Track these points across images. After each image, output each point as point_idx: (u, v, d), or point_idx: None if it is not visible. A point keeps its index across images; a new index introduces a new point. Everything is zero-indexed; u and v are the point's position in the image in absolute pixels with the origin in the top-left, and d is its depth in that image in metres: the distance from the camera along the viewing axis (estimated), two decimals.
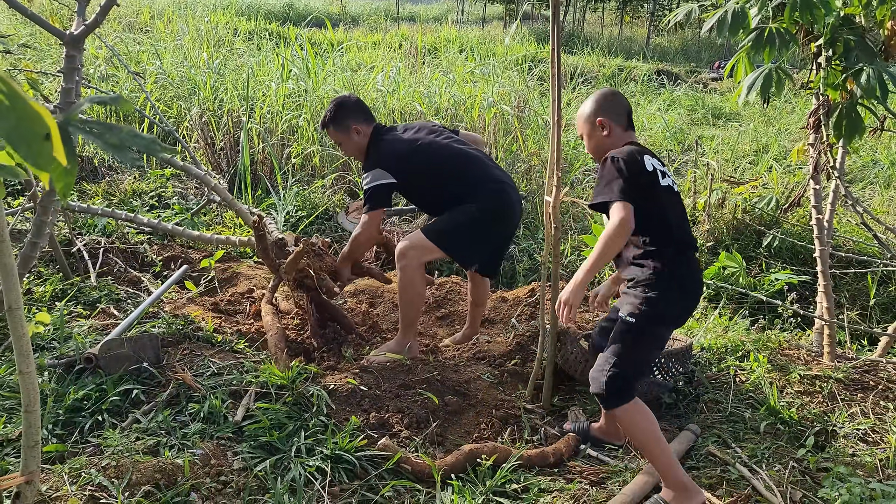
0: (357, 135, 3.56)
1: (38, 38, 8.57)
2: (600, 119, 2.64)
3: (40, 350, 3.02)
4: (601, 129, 2.65)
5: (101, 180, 5.88)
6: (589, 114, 2.68)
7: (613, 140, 2.65)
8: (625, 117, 2.68)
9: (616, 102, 2.68)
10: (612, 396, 2.45)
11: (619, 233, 2.35)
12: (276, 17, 17.03)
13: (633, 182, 2.41)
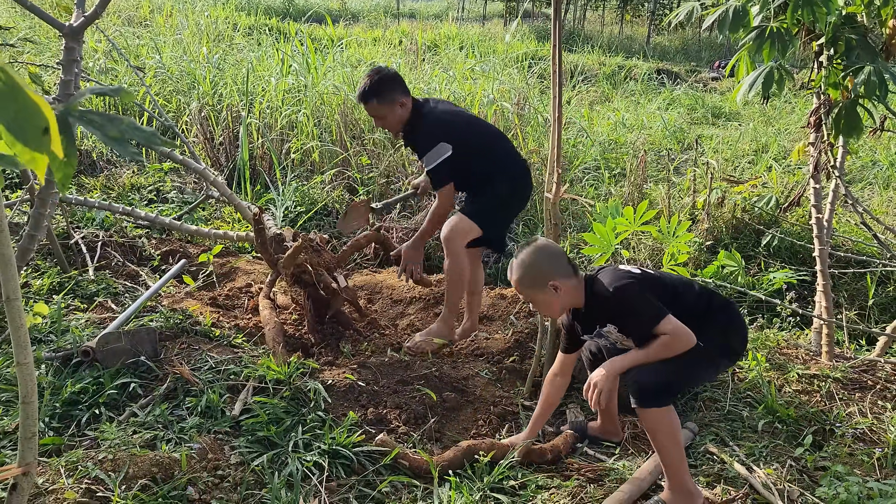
0: (401, 108, 3.50)
1: (38, 31, 8.55)
2: (552, 283, 2.48)
3: (38, 343, 3.02)
4: (557, 292, 2.50)
5: (100, 174, 5.87)
6: (533, 282, 2.52)
7: (572, 294, 2.54)
8: (569, 265, 2.55)
9: (554, 255, 2.54)
10: (652, 398, 2.40)
11: (683, 342, 2.36)
12: (275, 12, 16.99)
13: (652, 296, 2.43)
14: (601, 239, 3.86)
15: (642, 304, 2.42)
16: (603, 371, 2.44)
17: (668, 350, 2.36)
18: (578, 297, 2.55)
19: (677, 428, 2.43)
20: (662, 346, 2.36)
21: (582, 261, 5.02)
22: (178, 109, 7.05)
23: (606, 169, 6.56)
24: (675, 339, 2.35)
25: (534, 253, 2.53)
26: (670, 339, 2.35)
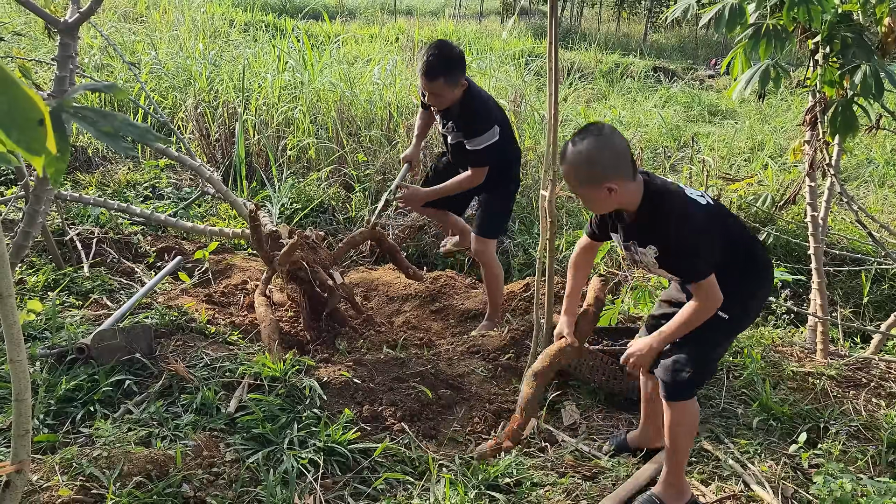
0: (460, 88, 3.52)
1: (32, 26, 8.51)
2: (607, 184, 2.20)
3: (32, 340, 3.01)
4: (612, 194, 2.23)
5: (95, 170, 5.84)
6: (591, 178, 2.23)
7: (626, 197, 2.27)
8: (629, 163, 2.24)
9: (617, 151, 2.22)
10: (687, 388, 2.40)
11: (712, 308, 2.28)
12: (272, 8, 16.94)
13: (712, 243, 2.28)
14: None
15: (701, 249, 2.23)
16: (645, 348, 2.40)
17: (697, 319, 2.29)
18: (632, 201, 2.29)
19: (695, 424, 2.48)
20: (695, 316, 2.28)
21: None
22: (175, 106, 7.03)
23: None
24: (706, 307, 2.26)
25: (597, 145, 2.19)
26: (701, 307, 2.26)
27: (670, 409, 2.43)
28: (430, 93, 3.47)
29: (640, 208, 2.30)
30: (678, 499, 2.46)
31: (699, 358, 2.39)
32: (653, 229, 2.29)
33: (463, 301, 4.27)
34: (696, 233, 2.25)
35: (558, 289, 4.37)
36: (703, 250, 2.24)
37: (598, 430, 3.03)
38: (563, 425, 3.05)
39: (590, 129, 2.25)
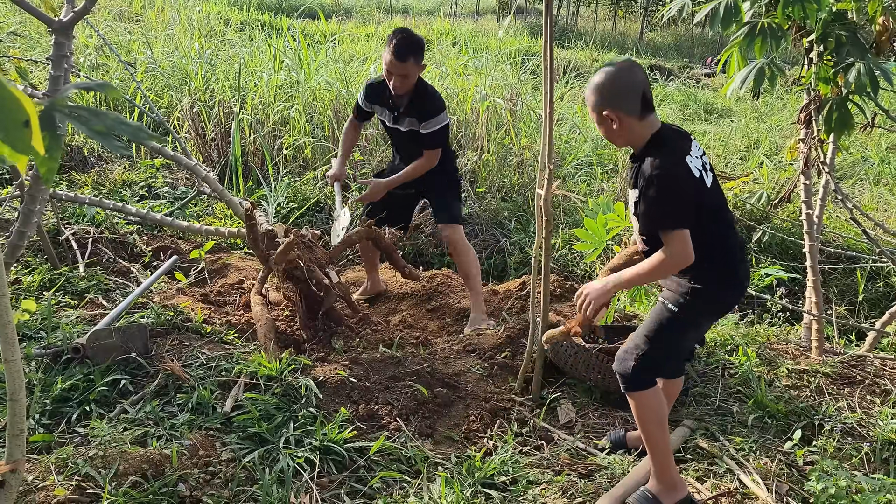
0: (421, 70, 3.74)
1: (28, 26, 8.49)
2: (606, 112, 2.30)
3: (28, 340, 3.00)
4: (610, 122, 2.32)
5: (91, 170, 5.84)
6: (594, 104, 2.34)
7: (629, 133, 2.33)
8: (638, 101, 2.27)
9: (624, 84, 2.28)
10: (635, 379, 2.42)
11: (678, 264, 2.23)
12: (268, 7, 16.92)
13: (687, 199, 2.24)
14: (592, 235, 3.87)
15: (669, 202, 2.22)
16: (598, 285, 2.36)
17: (662, 271, 2.26)
18: (636, 141, 2.33)
19: (662, 413, 2.45)
20: (659, 266, 2.24)
21: (574, 256, 5.03)
22: (170, 105, 7.02)
23: (599, 165, 6.57)
24: (672, 261, 2.22)
25: (608, 75, 2.29)
26: (668, 261, 2.22)
27: (630, 400, 2.47)
28: (398, 74, 3.63)
29: (641, 150, 2.34)
30: (670, 494, 2.43)
31: (645, 348, 2.41)
32: (640, 170, 2.30)
33: (459, 300, 4.27)
34: (669, 185, 2.22)
35: (554, 287, 4.38)
36: (673, 203, 2.22)
37: (594, 427, 3.04)
38: (560, 423, 3.06)
39: (613, 61, 2.37)
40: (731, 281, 2.42)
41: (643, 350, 2.42)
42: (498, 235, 5.40)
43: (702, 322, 2.53)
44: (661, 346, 2.43)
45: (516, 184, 5.98)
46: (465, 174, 5.97)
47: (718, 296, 2.43)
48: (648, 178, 2.22)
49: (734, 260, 2.42)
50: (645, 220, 2.31)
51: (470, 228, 5.50)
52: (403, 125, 3.87)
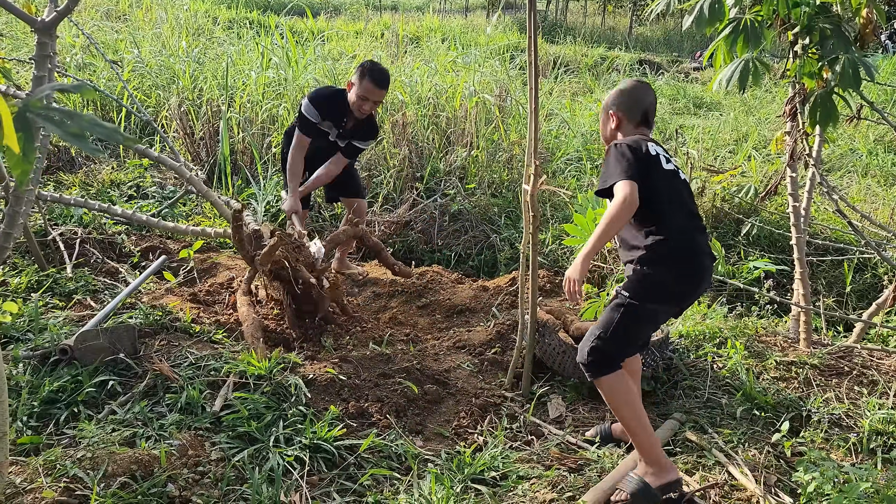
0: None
1: (13, 26, 8.43)
2: (612, 111, 2.72)
3: (15, 341, 2.99)
4: (611, 120, 2.73)
5: (79, 170, 5.81)
6: (606, 104, 2.77)
7: (622, 133, 2.70)
8: (639, 114, 2.70)
9: (636, 98, 2.71)
10: (593, 366, 2.49)
11: (624, 209, 2.35)
12: (256, 5, 16.86)
13: (636, 163, 2.45)
14: (581, 230, 3.88)
15: (614, 163, 2.47)
16: (574, 264, 2.48)
17: (614, 221, 2.36)
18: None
19: (630, 395, 2.50)
20: (607, 216, 2.38)
21: (564, 252, 5.04)
22: (158, 104, 6.99)
23: (588, 160, 6.57)
24: (618, 208, 2.35)
25: (632, 86, 2.75)
26: (614, 208, 2.37)
27: (599, 386, 2.54)
28: (376, 101, 4.03)
29: None
30: (658, 476, 2.43)
31: (601, 334, 2.49)
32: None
33: (450, 296, 4.28)
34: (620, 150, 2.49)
35: (543, 283, 4.39)
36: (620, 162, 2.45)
37: (584, 422, 3.05)
38: (550, 418, 3.07)
39: (637, 79, 2.86)
40: (687, 272, 2.50)
41: (599, 338, 2.49)
42: (488, 231, 5.40)
43: (656, 311, 2.55)
44: (616, 333, 2.48)
45: (506, 179, 5.98)
46: (455, 171, 5.97)
47: (670, 285, 2.49)
48: (607, 149, 2.56)
49: (691, 252, 2.50)
50: (600, 184, 2.52)
51: (460, 224, 5.50)
52: (343, 141, 4.24)
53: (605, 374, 2.48)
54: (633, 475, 2.46)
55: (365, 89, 3.94)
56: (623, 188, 2.38)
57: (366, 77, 3.93)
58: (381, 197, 5.74)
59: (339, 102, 4.09)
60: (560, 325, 3.52)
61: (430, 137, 6.29)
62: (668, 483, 2.43)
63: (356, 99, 3.99)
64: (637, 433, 2.47)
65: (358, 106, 4.01)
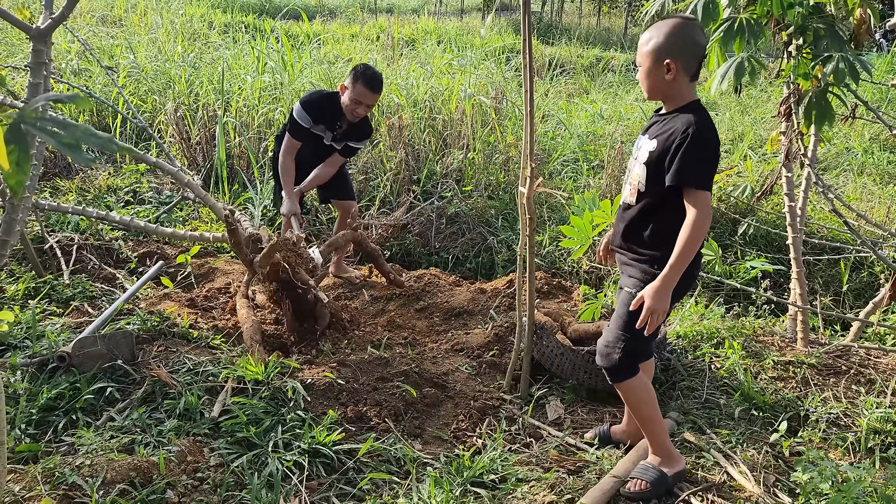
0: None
1: (8, 33, 8.43)
2: (669, 61, 2.27)
3: (13, 349, 2.99)
4: (666, 70, 2.29)
5: (75, 176, 5.81)
6: (657, 48, 2.29)
7: (675, 89, 2.33)
8: (696, 63, 2.30)
9: (695, 43, 2.29)
10: (623, 371, 2.48)
11: (707, 225, 2.21)
12: (252, 9, 16.87)
13: (715, 168, 2.28)
14: (578, 232, 3.87)
15: (708, 161, 2.24)
16: (656, 293, 2.25)
17: (699, 234, 2.19)
18: (677, 98, 2.35)
19: (651, 394, 2.53)
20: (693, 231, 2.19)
21: (561, 253, 5.04)
22: (154, 109, 6.99)
23: (585, 161, 6.59)
24: (703, 221, 2.19)
25: (687, 26, 2.29)
26: (699, 220, 2.19)
27: (619, 390, 2.56)
28: (369, 105, 4.04)
29: (680, 108, 2.33)
30: (670, 464, 2.52)
31: (627, 337, 2.44)
32: (673, 123, 2.30)
33: (447, 299, 4.28)
34: (713, 147, 2.25)
35: (541, 285, 4.39)
36: (710, 163, 2.24)
37: (582, 423, 3.05)
38: (548, 420, 3.07)
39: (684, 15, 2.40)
40: (699, 261, 2.45)
41: (625, 340, 2.45)
42: (485, 233, 5.40)
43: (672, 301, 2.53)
44: (636, 333, 2.43)
45: (502, 181, 5.99)
46: (452, 173, 5.98)
47: (689, 275, 2.40)
48: (695, 134, 2.20)
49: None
50: (678, 173, 2.24)
51: (457, 227, 5.50)
52: (339, 144, 4.26)
53: (632, 376, 2.49)
54: (648, 465, 2.51)
55: (358, 93, 3.95)
56: (705, 200, 2.20)
57: (359, 81, 3.94)
58: (378, 200, 5.74)
59: (332, 106, 4.10)
60: (558, 327, 3.52)
61: (426, 140, 6.30)
62: (679, 472, 2.54)
63: (349, 102, 4.00)
64: (651, 428, 2.53)
65: (351, 110, 4.02)
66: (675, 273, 2.25)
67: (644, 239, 2.43)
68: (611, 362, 2.48)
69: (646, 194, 2.39)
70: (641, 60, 2.37)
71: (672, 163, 2.24)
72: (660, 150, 2.31)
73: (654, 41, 2.30)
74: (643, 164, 2.38)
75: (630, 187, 2.48)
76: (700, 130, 2.22)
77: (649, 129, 2.44)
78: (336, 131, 4.19)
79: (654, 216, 2.40)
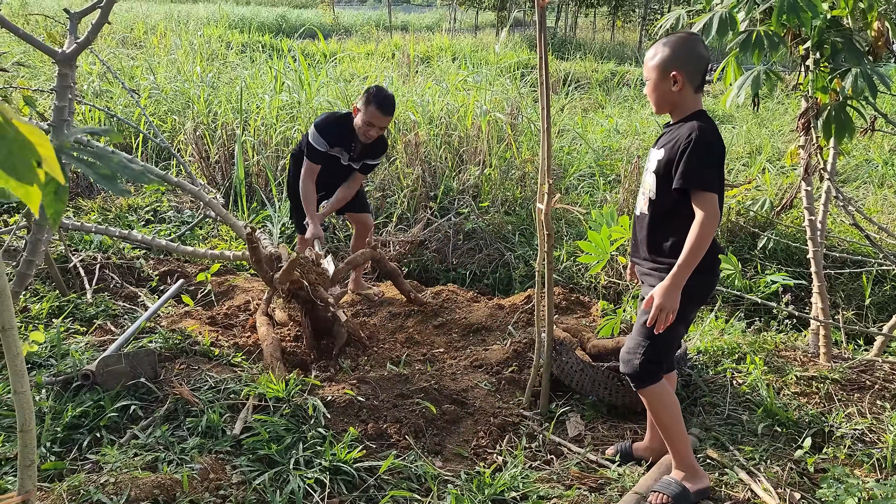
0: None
1: (32, 56, 8.60)
2: (675, 73, 2.38)
3: (38, 367, 3.02)
4: (672, 83, 2.39)
5: (97, 196, 5.89)
6: (663, 61, 2.40)
7: (682, 99, 2.43)
8: (700, 75, 2.40)
9: (698, 55, 2.39)
10: (646, 377, 2.49)
11: (714, 226, 2.28)
12: (268, 29, 17.09)
13: (720, 170, 2.34)
14: (596, 247, 3.87)
15: (711, 163, 2.32)
16: (665, 291, 2.31)
17: (707, 235, 2.26)
18: (683, 109, 2.44)
19: (675, 403, 2.54)
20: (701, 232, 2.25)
21: (579, 268, 5.04)
22: (174, 129, 7.08)
23: (601, 176, 6.58)
24: (710, 221, 2.25)
25: (688, 40, 2.40)
26: (706, 221, 2.25)
27: (642, 397, 2.56)
28: (381, 127, 4.06)
29: (686, 117, 2.43)
30: (694, 480, 2.51)
31: (647, 343, 2.47)
32: (677, 132, 2.40)
33: (465, 315, 4.28)
34: (716, 149, 2.33)
35: (559, 300, 4.39)
36: (714, 165, 2.33)
37: (603, 440, 3.04)
38: (569, 437, 3.06)
39: (688, 31, 2.55)
40: (715, 267, 2.51)
41: (645, 345, 2.47)
42: (502, 249, 5.41)
43: (690, 310, 2.55)
44: (660, 338, 2.46)
45: (519, 197, 6.00)
46: (468, 189, 6.00)
47: (704, 282, 2.48)
48: (698, 138, 2.30)
49: (717, 247, 2.50)
50: (683, 176, 2.32)
51: (474, 243, 5.51)
52: (356, 163, 4.31)
53: (654, 382, 2.50)
54: (671, 479, 2.49)
55: (371, 115, 3.98)
56: (711, 202, 2.28)
57: (371, 104, 3.97)
58: (396, 217, 5.77)
59: (345, 128, 4.13)
60: (577, 342, 3.52)
61: (442, 156, 6.33)
62: (703, 489, 2.52)
63: (362, 124, 4.03)
64: (675, 440, 2.52)
65: (364, 132, 4.05)
66: (684, 272, 2.31)
67: (661, 248, 2.50)
68: (632, 368, 2.51)
69: (657, 202, 2.48)
70: (648, 75, 2.48)
71: (682, 168, 2.33)
72: (667, 158, 2.41)
73: (660, 56, 2.42)
74: (653, 172, 2.48)
75: (643, 197, 2.57)
76: (703, 134, 2.31)
77: (659, 140, 2.53)
78: (352, 152, 4.23)
79: (668, 224, 2.47)
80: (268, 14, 20.49)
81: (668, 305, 2.32)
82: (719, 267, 2.58)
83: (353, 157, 4.24)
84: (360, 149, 4.21)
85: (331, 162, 4.21)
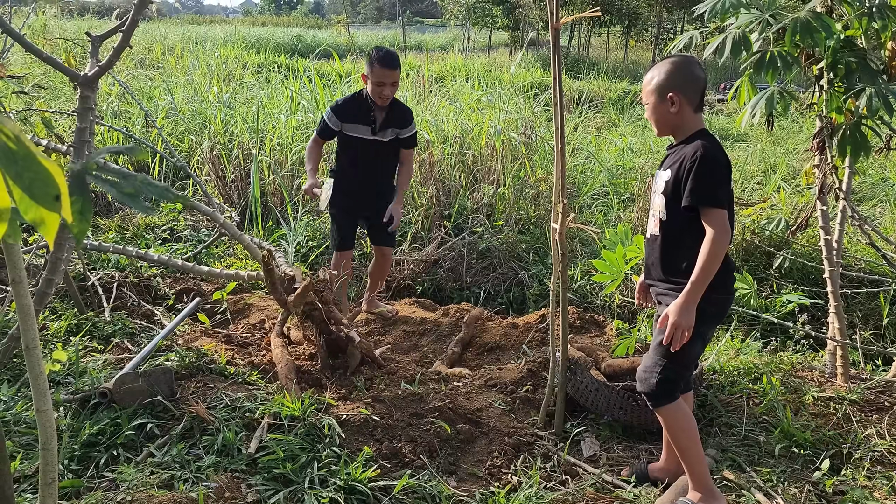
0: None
1: (51, 77, 8.74)
2: (672, 94, 2.44)
3: (56, 385, 3.05)
4: (671, 104, 2.46)
5: (115, 215, 5.96)
6: (660, 84, 2.47)
7: (681, 120, 2.48)
8: (699, 95, 2.47)
9: (694, 76, 2.46)
10: (662, 396, 2.49)
11: (726, 242, 2.30)
12: (284, 49, 17.29)
13: (727, 186, 2.38)
14: (611, 266, 3.87)
15: (718, 180, 2.34)
16: (679, 309, 2.32)
17: (719, 251, 2.28)
18: (684, 129, 2.49)
19: (691, 423, 2.52)
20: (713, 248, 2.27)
21: (593, 287, 5.03)
22: (191, 149, 7.17)
23: (615, 194, 6.59)
24: (722, 237, 2.27)
25: (683, 62, 2.46)
26: (718, 238, 2.27)
27: (659, 416, 2.55)
28: (391, 83, 4.05)
29: (688, 137, 2.48)
30: (711, 502, 2.48)
31: (664, 362, 2.47)
32: (682, 152, 2.44)
33: (479, 334, 4.28)
34: (720, 166, 2.37)
35: (574, 319, 4.38)
36: (720, 181, 2.36)
37: (618, 460, 3.02)
38: (584, 457, 3.04)
39: (683, 54, 2.60)
40: (730, 285, 2.53)
41: (662, 364, 2.47)
42: (516, 268, 5.41)
43: (707, 329, 2.55)
44: (677, 356, 2.46)
45: (533, 216, 6.01)
46: (482, 208, 6.02)
47: (720, 301, 2.50)
48: (702, 156, 2.34)
49: (731, 265, 2.52)
50: (691, 193, 2.36)
51: (488, 262, 5.52)
52: (385, 136, 4.25)
53: (671, 401, 2.50)
54: (687, 501, 2.49)
55: (378, 75, 4.01)
56: (720, 218, 2.31)
57: (375, 64, 4.01)
58: (410, 236, 5.80)
59: (360, 102, 4.18)
60: (591, 362, 3.51)
61: (456, 175, 6.36)
62: None
63: (373, 87, 4.06)
64: (692, 461, 2.50)
65: (378, 93, 4.07)
66: (698, 288, 2.33)
67: (676, 267, 2.51)
68: (649, 387, 2.51)
69: (668, 223, 2.51)
70: (647, 98, 2.54)
71: (690, 186, 2.36)
72: (674, 179, 2.44)
73: (657, 79, 2.48)
74: (661, 194, 2.51)
75: (654, 219, 2.59)
76: (707, 151, 2.35)
77: (664, 161, 2.57)
78: (373, 124, 4.20)
79: (681, 243, 2.48)
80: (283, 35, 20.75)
81: (682, 323, 2.33)
82: (734, 284, 2.59)
83: (375, 128, 4.21)
84: (383, 119, 4.21)
85: (358, 143, 4.24)
